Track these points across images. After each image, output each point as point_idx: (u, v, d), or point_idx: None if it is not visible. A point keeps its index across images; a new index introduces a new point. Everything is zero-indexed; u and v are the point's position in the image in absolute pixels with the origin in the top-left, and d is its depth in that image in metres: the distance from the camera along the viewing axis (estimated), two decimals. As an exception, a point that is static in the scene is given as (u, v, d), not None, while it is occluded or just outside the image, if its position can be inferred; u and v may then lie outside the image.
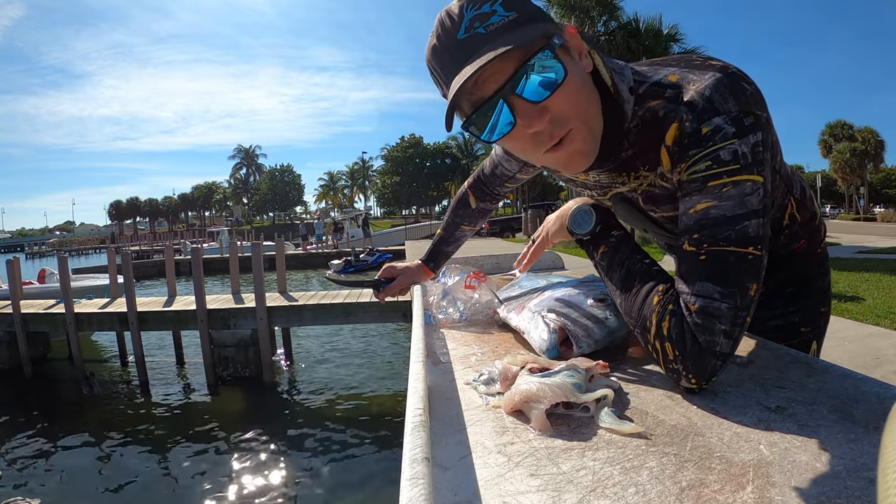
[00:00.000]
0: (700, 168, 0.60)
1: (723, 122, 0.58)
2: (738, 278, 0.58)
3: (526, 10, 0.59)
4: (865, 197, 43.16)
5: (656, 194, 0.71)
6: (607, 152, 0.68)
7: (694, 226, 0.60)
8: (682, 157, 0.61)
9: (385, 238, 27.46)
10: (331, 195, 68.43)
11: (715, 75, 0.61)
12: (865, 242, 13.32)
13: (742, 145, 0.58)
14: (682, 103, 0.61)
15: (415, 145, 58.40)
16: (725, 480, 0.42)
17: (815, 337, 0.91)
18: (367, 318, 7.06)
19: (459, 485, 0.43)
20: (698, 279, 0.59)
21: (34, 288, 9.80)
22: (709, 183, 0.59)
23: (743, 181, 0.58)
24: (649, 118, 0.65)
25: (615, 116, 0.66)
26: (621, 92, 0.65)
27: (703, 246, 0.60)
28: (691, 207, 0.61)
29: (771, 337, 0.85)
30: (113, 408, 6.54)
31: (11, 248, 52.96)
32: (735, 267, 0.58)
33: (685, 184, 0.62)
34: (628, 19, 13.64)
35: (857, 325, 4.45)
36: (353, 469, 4.78)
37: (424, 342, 0.73)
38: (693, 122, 0.60)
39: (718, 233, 0.59)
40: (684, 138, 0.61)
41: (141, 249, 31.13)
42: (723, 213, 0.59)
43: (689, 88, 0.61)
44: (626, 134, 0.67)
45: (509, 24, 0.57)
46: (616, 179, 0.74)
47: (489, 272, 1.39)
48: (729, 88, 0.59)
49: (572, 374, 0.58)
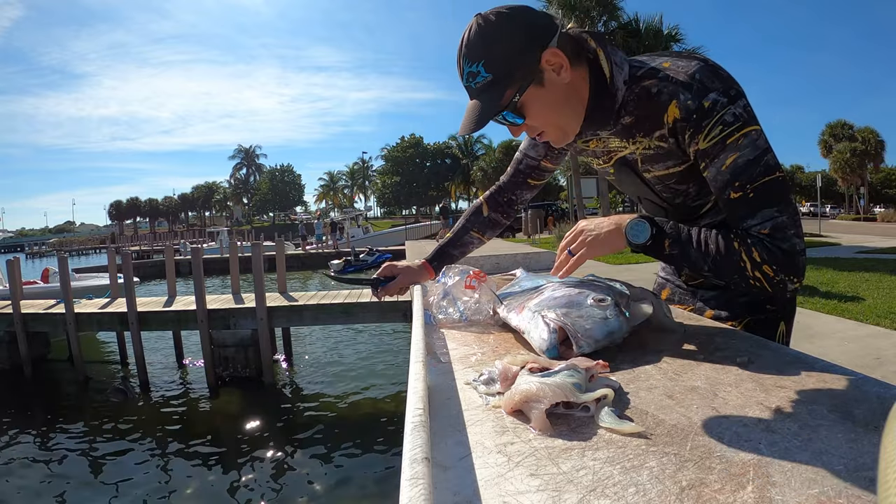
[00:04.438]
0: (715, 133, 0.76)
1: (717, 96, 0.75)
2: (783, 195, 0.76)
3: (500, 72, 0.77)
4: (865, 197, 43.15)
5: (651, 155, 0.88)
6: (598, 124, 0.87)
7: (731, 177, 0.76)
8: (699, 129, 0.77)
9: (385, 238, 27.47)
10: (331, 195, 68.45)
11: (699, 63, 0.79)
12: (865, 242, 13.32)
13: (736, 108, 0.75)
14: (676, 84, 0.78)
15: (415, 145, 58.41)
16: (725, 480, 0.42)
17: (783, 318, 1.01)
18: (368, 318, 7.06)
19: (459, 485, 0.43)
20: (757, 210, 0.75)
21: (35, 288, 9.81)
22: (727, 141, 0.75)
23: (748, 132, 0.75)
24: (644, 94, 0.82)
25: (607, 98, 0.84)
26: (616, 81, 0.83)
27: (746, 187, 0.75)
28: (722, 165, 0.77)
29: (741, 312, 1.01)
30: (113, 408, 6.54)
31: (11, 248, 52.93)
32: (776, 189, 0.75)
33: (708, 150, 0.77)
34: (628, 19, 13.65)
35: (857, 325, 4.44)
36: (353, 469, 4.78)
37: (424, 342, 0.73)
38: (694, 100, 0.76)
39: (752, 173, 0.75)
40: (693, 114, 0.76)
41: (141, 249, 31.15)
42: (746, 158, 0.75)
43: (679, 72, 0.78)
44: (625, 105, 0.84)
45: (487, 85, 0.78)
46: (619, 145, 0.91)
47: (489, 272, 1.39)
48: (712, 72, 0.77)
49: (572, 374, 0.58)
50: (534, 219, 20.40)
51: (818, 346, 3.76)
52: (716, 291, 1.07)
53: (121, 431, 5.77)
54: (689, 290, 1.13)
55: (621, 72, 0.83)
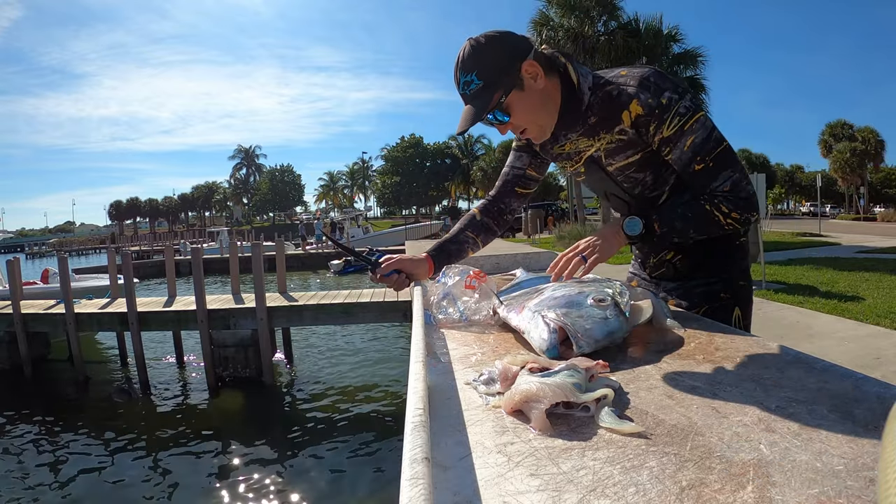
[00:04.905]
0: (675, 122, 0.96)
1: (671, 93, 0.96)
2: (733, 159, 0.98)
3: (490, 80, 0.95)
4: (865, 197, 43.15)
5: (612, 148, 1.06)
6: (569, 125, 1.06)
7: (693, 154, 0.97)
8: (662, 121, 0.96)
9: (385, 238, 27.45)
10: (331, 195, 68.41)
11: (651, 69, 0.99)
12: (865, 242, 13.32)
13: (686, 101, 0.96)
14: (635, 86, 0.97)
15: (415, 145, 58.36)
16: (725, 480, 0.42)
17: (737, 304, 1.15)
18: (367, 318, 7.06)
19: (459, 485, 0.43)
20: (717, 174, 0.97)
21: (35, 288, 9.80)
22: (684, 127, 0.96)
23: (698, 118, 0.96)
24: (606, 97, 1.01)
25: (575, 101, 1.03)
26: (582, 87, 1.02)
27: (706, 159, 0.97)
28: (684, 146, 0.97)
29: (698, 301, 1.15)
30: (113, 408, 6.54)
31: (11, 249, 52.90)
32: (727, 156, 0.97)
33: (671, 137, 0.97)
34: (628, 19, 13.64)
35: (857, 325, 4.44)
36: (353, 469, 4.78)
37: (424, 342, 0.73)
38: (654, 98, 0.96)
39: (707, 147, 0.96)
40: (654, 109, 0.96)
41: (141, 250, 31.11)
42: (701, 137, 0.96)
43: (636, 76, 0.98)
44: (590, 107, 1.03)
45: (479, 90, 0.96)
46: (586, 144, 1.09)
47: (489, 272, 1.39)
48: (661, 75, 0.98)
49: (572, 374, 0.58)
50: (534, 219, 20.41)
51: (818, 345, 3.75)
52: (675, 283, 1.20)
53: (121, 431, 5.77)
54: (653, 282, 1.25)
55: (586, 80, 1.03)
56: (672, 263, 1.19)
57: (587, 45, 12.82)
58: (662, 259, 1.20)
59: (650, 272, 1.26)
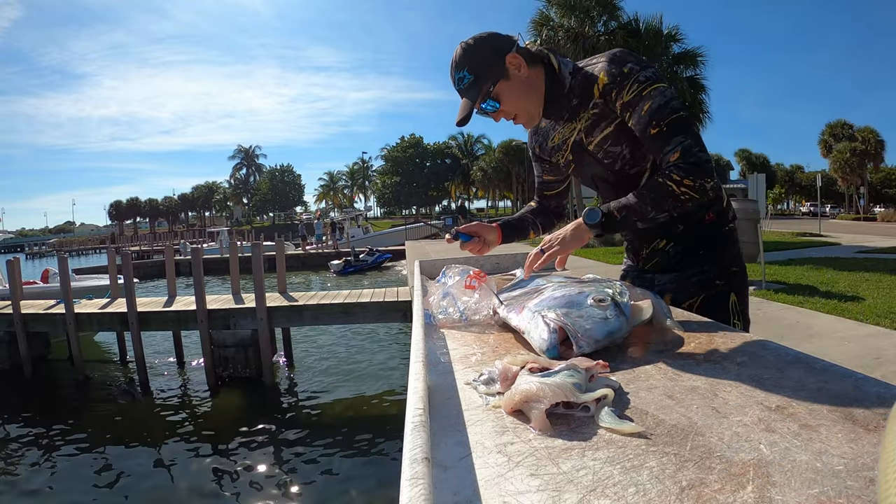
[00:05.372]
0: (634, 88, 1.04)
1: (633, 65, 1.05)
2: (687, 126, 1.02)
3: (479, 73, 1.07)
4: (865, 197, 43.14)
5: (589, 125, 1.15)
6: (555, 111, 1.17)
7: (650, 118, 1.03)
8: (622, 87, 1.05)
9: (385, 238, 27.45)
10: (331, 195, 68.38)
11: (620, 49, 1.11)
12: (865, 242, 13.31)
13: (647, 71, 1.05)
14: (604, 61, 1.07)
15: (415, 145, 58.34)
16: (725, 480, 0.42)
17: (732, 290, 1.18)
18: (368, 318, 7.06)
19: (459, 485, 0.43)
20: (670, 139, 1.01)
21: (35, 288, 9.80)
22: (643, 93, 1.03)
23: (657, 86, 1.03)
24: (583, 77, 1.12)
25: (558, 86, 1.14)
26: (563, 71, 1.14)
27: (661, 124, 1.02)
28: (642, 111, 1.03)
29: (694, 291, 1.18)
30: (113, 408, 6.54)
31: (11, 249, 52.83)
32: (681, 123, 1.02)
33: (630, 101, 1.05)
34: (628, 19, 13.62)
35: (857, 324, 4.44)
36: (353, 469, 4.78)
37: (424, 342, 0.73)
38: (616, 68, 1.06)
39: (663, 113, 1.02)
40: (616, 77, 1.05)
41: (141, 250, 31.13)
42: (658, 103, 1.02)
43: (606, 54, 1.09)
44: (572, 90, 1.13)
45: (471, 83, 1.08)
46: (570, 129, 1.19)
47: (489, 272, 1.39)
48: (628, 52, 1.09)
49: (572, 374, 0.58)
50: (534, 219, 20.35)
51: (818, 345, 3.76)
52: (670, 276, 1.22)
53: (121, 431, 5.77)
54: (648, 277, 1.27)
55: (566, 66, 1.14)
56: (665, 251, 1.22)
57: (587, 45, 12.79)
58: (655, 248, 1.23)
59: (643, 264, 1.29)
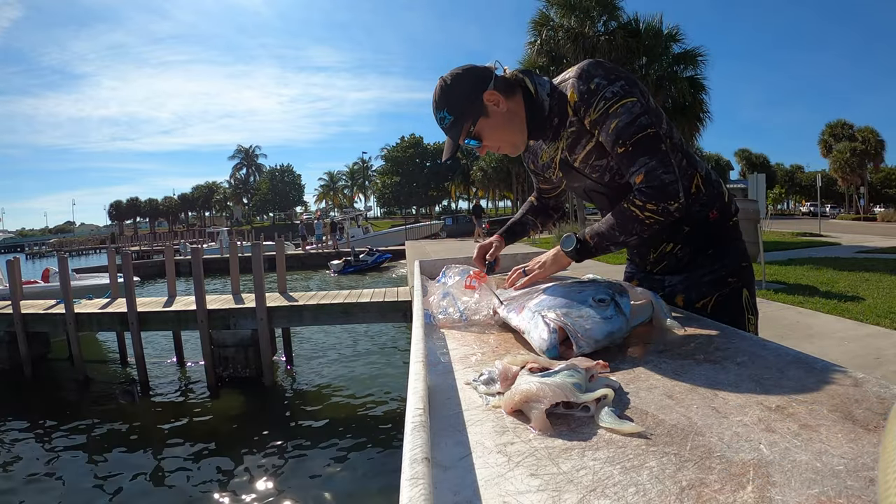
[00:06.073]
0: (600, 105, 1.01)
1: (600, 80, 1.01)
2: (653, 146, 0.99)
3: (458, 113, 1.07)
4: (865, 197, 43.12)
5: (570, 143, 1.13)
6: (539, 133, 1.15)
7: (616, 137, 1.00)
8: (590, 105, 1.02)
9: (385, 238, 27.44)
10: (331, 195, 68.38)
11: (591, 60, 1.07)
12: (865, 242, 13.31)
13: (613, 86, 1.00)
14: (573, 77, 1.04)
15: (415, 145, 58.31)
16: (725, 480, 0.42)
17: (744, 285, 1.17)
18: (367, 318, 7.06)
19: (459, 485, 0.43)
20: (636, 159, 0.99)
21: (36, 287, 9.81)
22: (609, 111, 1.00)
23: (625, 102, 0.99)
24: (559, 98, 1.09)
25: (538, 109, 1.11)
26: (540, 94, 1.11)
27: (627, 143, 0.99)
28: (608, 129, 1.01)
29: (707, 290, 1.15)
30: (113, 408, 6.54)
31: (11, 249, 52.81)
32: (647, 142, 0.99)
33: (597, 119, 1.02)
34: (628, 19, 13.61)
35: (857, 324, 4.44)
36: (354, 469, 4.78)
37: (424, 342, 0.73)
38: (584, 84, 1.02)
39: (629, 132, 0.99)
40: (584, 94, 1.02)
41: (141, 250, 31.11)
42: (624, 121, 0.99)
43: (575, 68, 1.05)
44: (552, 110, 1.10)
45: (452, 123, 1.08)
46: (555, 148, 1.18)
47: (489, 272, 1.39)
48: (597, 64, 1.04)
49: (572, 374, 0.58)
50: (534, 219, 20.35)
51: (818, 345, 3.75)
52: (682, 276, 1.20)
53: (121, 431, 5.77)
54: (657, 279, 1.25)
55: (544, 89, 1.11)
56: (673, 254, 1.20)
57: (587, 45, 12.78)
58: (663, 252, 1.21)
59: (652, 268, 1.26)
